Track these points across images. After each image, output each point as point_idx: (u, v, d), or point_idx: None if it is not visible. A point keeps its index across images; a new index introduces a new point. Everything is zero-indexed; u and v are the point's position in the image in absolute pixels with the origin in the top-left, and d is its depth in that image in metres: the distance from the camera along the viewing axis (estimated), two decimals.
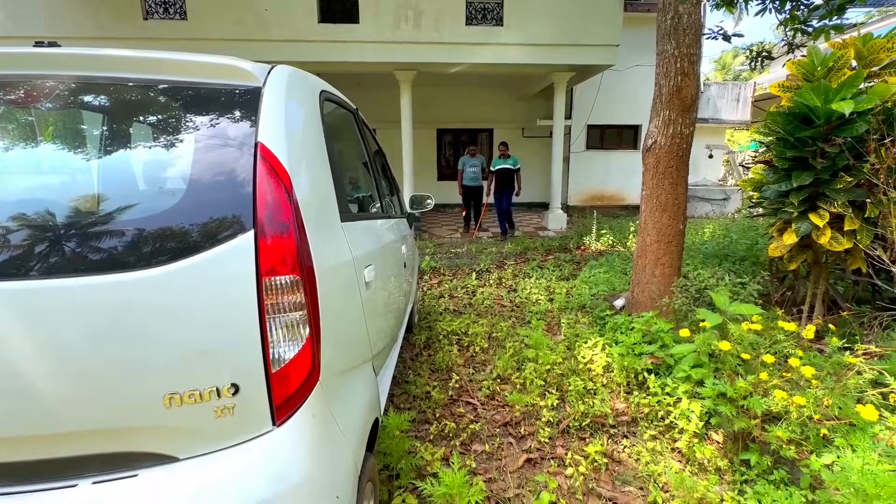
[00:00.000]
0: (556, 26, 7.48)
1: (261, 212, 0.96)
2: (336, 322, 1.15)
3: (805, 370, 1.85)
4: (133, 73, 1.08)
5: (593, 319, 3.66)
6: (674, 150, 3.43)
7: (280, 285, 0.96)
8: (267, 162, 1.00)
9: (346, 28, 7.22)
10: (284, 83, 1.19)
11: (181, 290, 0.90)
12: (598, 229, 7.42)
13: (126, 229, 0.96)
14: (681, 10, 3.30)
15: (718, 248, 5.52)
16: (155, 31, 7.03)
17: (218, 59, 1.12)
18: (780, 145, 2.52)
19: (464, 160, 8.07)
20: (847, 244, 2.43)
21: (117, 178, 1.09)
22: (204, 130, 1.06)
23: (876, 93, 2.22)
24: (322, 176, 1.25)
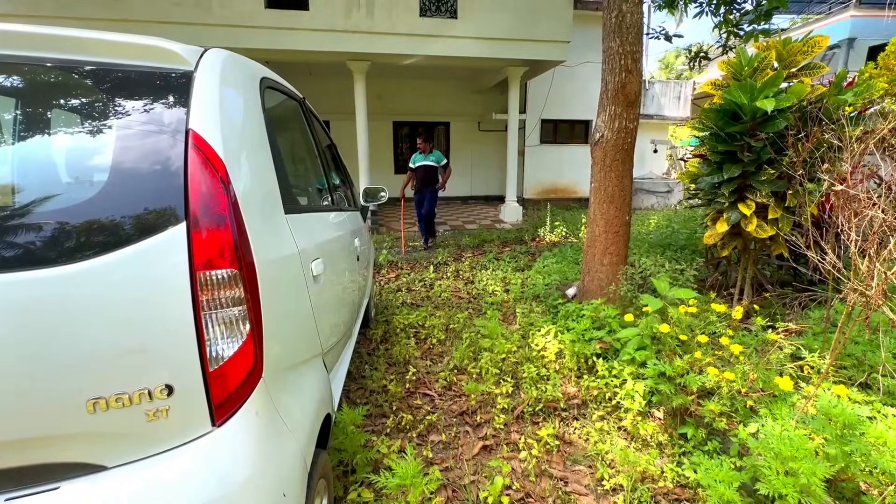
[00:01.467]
0: (508, 21, 7.57)
1: (194, 203, 0.91)
2: (281, 317, 1.12)
3: (734, 348, 2.01)
4: (50, 52, 0.98)
5: (547, 308, 3.78)
6: (619, 144, 3.58)
7: (217, 280, 0.92)
8: (200, 150, 0.95)
9: (295, 14, 6.95)
10: (219, 67, 1.12)
11: (105, 286, 0.83)
12: (552, 221, 7.65)
13: (42, 222, 0.88)
14: (624, 8, 3.43)
15: (662, 237, 5.85)
16: (81, 10, 6.44)
17: (145, 39, 1.04)
18: (713, 140, 2.70)
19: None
20: (771, 231, 2.65)
21: (32, 167, 1.00)
22: (129, 116, 0.99)
23: (794, 92, 2.42)
24: (263, 166, 1.20)
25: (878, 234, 1.67)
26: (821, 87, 2.50)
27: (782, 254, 2.83)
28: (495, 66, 8.61)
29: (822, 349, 2.22)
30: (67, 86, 1.03)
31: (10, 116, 1.05)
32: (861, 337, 2.35)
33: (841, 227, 1.75)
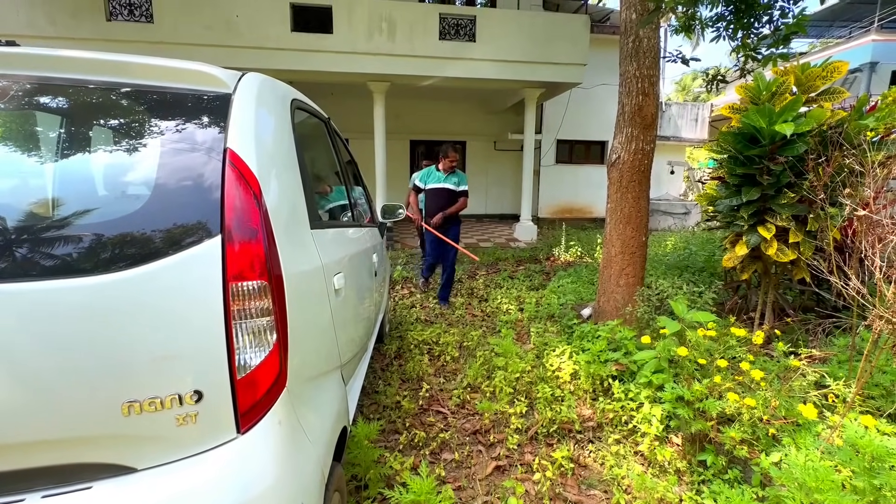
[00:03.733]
0: (526, 44, 7.73)
1: (229, 217, 0.96)
2: (304, 329, 1.15)
3: (755, 373, 1.96)
4: (98, 75, 1.06)
5: (561, 328, 3.75)
6: (636, 166, 3.59)
7: (247, 291, 0.96)
8: (236, 168, 1.00)
9: (320, 37, 7.22)
10: (255, 90, 1.19)
11: (143, 295, 0.88)
12: (566, 241, 7.63)
13: (86, 234, 0.94)
14: (641, 34, 3.49)
15: (679, 259, 5.78)
16: (118, 33, 6.81)
17: (187, 64, 1.11)
18: (731, 163, 2.70)
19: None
20: (792, 255, 2.61)
21: (77, 181, 1.07)
22: (171, 135, 1.05)
23: (813, 116, 2.41)
24: (292, 183, 1.25)
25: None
26: (841, 112, 2.49)
27: (804, 278, 2.78)
28: (512, 87, 8.75)
29: (848, 377, 2.16)
30: (117, 106, 1.10)
31: (61, 133, 1.13)
32: (889, 366, 2.28)
33: (864, 253, 1.72)
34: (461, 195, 4.49)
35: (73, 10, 6.70)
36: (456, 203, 4.44)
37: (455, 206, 4.44)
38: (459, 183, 4.48)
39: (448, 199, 4.44)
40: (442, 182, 4.45)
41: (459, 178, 4.50)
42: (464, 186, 4.50)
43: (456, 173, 4.50)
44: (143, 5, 6.84)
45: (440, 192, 4.45)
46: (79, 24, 6.75)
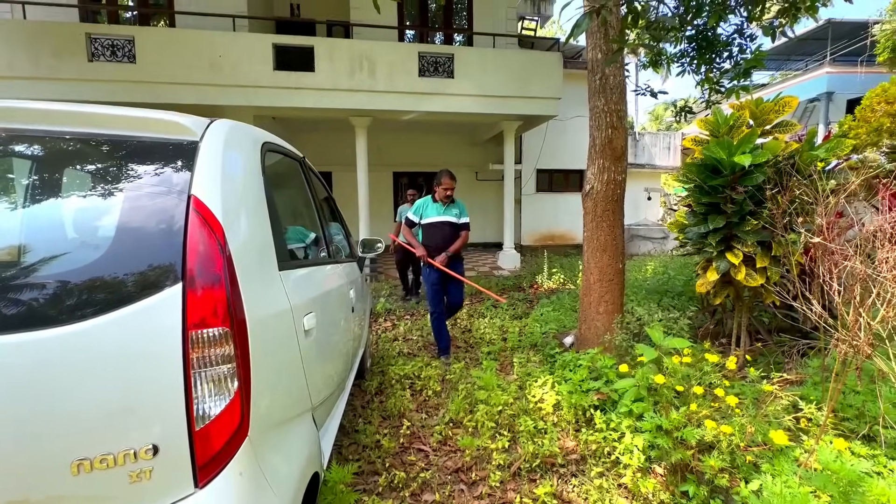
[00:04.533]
0: (502, 80, 8.04)
1: (191, 263, 0.96)
2: (270, 373, 1.13)
3: (730, 399, 1.98)
4: (67, 126, 1.07)
5: (544, 357, 3.74)
6: (609, 195, 3.70)
7: (208, 338, 0.95)
8: (199, 213, 1.01)
9: (302, 75, 7.39)
10: (223, 137, 1.22)
11: (99, 347, 0.87)
12: (549, 268, 7.70)
13: (44, 283, 0.92)
14: (607, 72, 3.67)
15: (659, 283, 5.87)
16: (100, 73, 6.87)
17: (156, 114, 1.14)
18: (697, 192, 2.81)
19: (402, 210, 6.34)
20: (760, 280, 2.69)
21: (39, 231, 1.06)
22: (136, 183, 1.06)
23: (769, 148, 2.55)
24: (260, 225, 1.26)
25: (860, 284, 1.71)
26: (794, 144, 2.64)
27: (775, 302, 2.85)
28: (491, 120, 9.03)
29: (821, 400, 2.19)
30: (82, 154, 1.12)
31: (25, 181, 1.13)
32: (862, 387, 2.32)
33: (822, 278, 1.79)
34: (463, 229, 3.96)
35: (54, 52, 6.76)
36: (458, 238, 3.90)
37: (459, 243, 3.87)
38: (461, 215, 3.95)
39: (449, 234, 3.87)
40: (441, 214, 3.89)
41: (460, 210, 3.97)
42: (465, 218, 3.99)
43: (456, 204, 3.97)
44: (125, 46, 6.95)
45: (440, 226, 3.88)
46: (60, 64, 6.80)
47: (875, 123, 8.69)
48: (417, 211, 4.02)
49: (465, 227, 3.99)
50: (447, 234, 3.88)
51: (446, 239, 3.86)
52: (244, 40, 7.27)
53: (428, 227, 3.95)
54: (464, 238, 3.95)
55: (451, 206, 3.94)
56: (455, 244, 3.86)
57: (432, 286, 3.88)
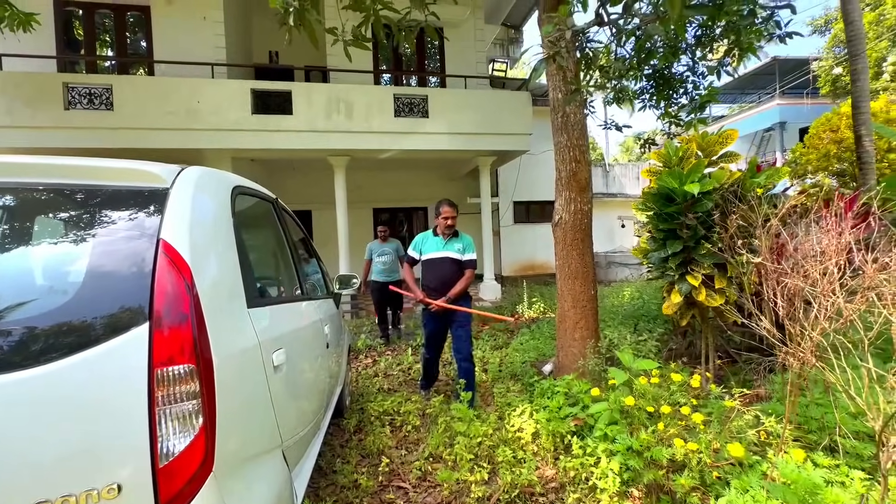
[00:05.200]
0: (475, 118, 8.40)
1: (158, 304, 1.01)
2: (236, 408, 1.16)
3: (695, 417, 2.05)
4: (43, 178, 1.13)
5: (523, 387, 3.76)
6: (577, 225, 3.86)
7: (174, 375, 0.98)
8: (168, 256, 1.07)
9: (280, 118, 7.58)
10: (193, 182, 1.29)
11: (65, 388, 0.90)
12: (529, 297, 7.80)
13: (12, 328, 0.96)
14: (568, 110, 3.92)
15: (635, 308, 6.02)
16: (76, 120, 6.92)
17: (128, 164, 1.21)
18: (655, 219, 2.98)
19: (371, 247, 6.04)
20: (720, 300, 2.83)
21: (9, 276, 1.10)
22: (107, 228, 1.12)
23: (715, 177, 2.75)
24: (229, 266, 1.32)
25: (800, 299, 1.84)
26: (738, 173, 2.85)
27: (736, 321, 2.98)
28: (466, 156, 9.34)
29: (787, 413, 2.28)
30: (54, 204, 1.17)
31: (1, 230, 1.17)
32: (822, 398, 2.42)
33: (767, 296, 1.92)
34: (467, 266, 3.48)
35: (29, 101, 6.80)
36: (463, 276, 3.46)
37: (462, 283, 3.41)
38: (465, 249, 3.50)
39: (451, 273, 3.43)
40: (442, 249, 3.46)
41: (464, 244, 3.53)
42: (470, 254, 3.51)
43: (460, 237, 3.56)
44: (103, 94, 7.05)
45: (439, 263, 3.45)
46: (35, 113, 6.83)
47: (823, 150, 9.33)
48: (416, 246, 3.63)
49: (470, 265, 3.48)
50: (448, 273, 3.42)
51: (447, 278, 3.41)
52: (223, 87, 7.47)
53: (426, 265, 3.54)
54: (468, 277, 3.45)
55: (453, 240, 3.51)
56: (457, 285, 3.37)
57: (428, 336, 3.57)
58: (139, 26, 8.45)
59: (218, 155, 7.83)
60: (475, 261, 3.55)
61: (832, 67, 12.96)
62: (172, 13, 8.13)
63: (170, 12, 8.12)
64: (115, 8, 8.18)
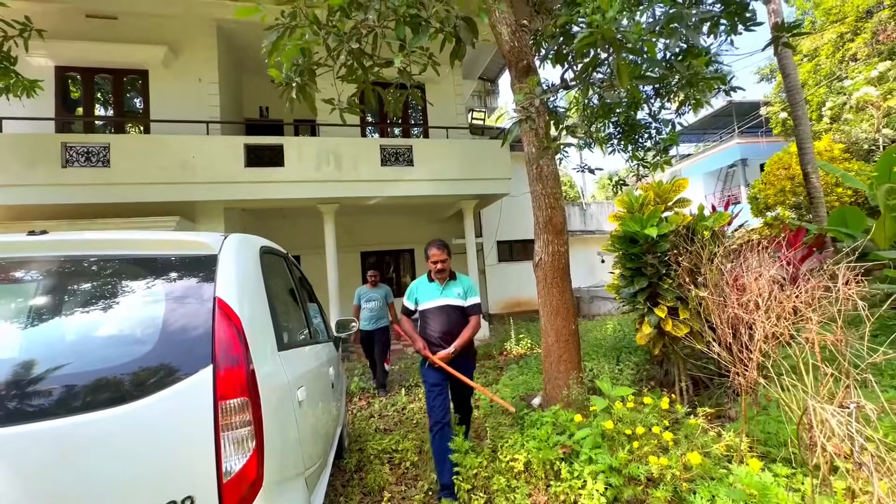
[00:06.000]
0: (457, 165, 8.95)
1: (218, 349, 1.27)
2: (276, 435, 1.39)
3: (666, 435, 2.31)
4: (116, 251, 1.41)
5: (514, 420, 3.95)
6: (556, 265, 4.21)
7: (232, 407, 1.23)
8: (223, 311, 1.34)
9: (272, 171, 7.96)
10: (234, 248, 1.58)
11: (151, 419, 1.14)
12: (516, 334, 8.04)
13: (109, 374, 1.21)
14: (541, 163, 4.37)
15: (617, 340, 6.31)
16: (73, 178, 7.15)
17: (184, 236, 1.50)
18: (622, 259, 3.35)
19: (360, 292, 5.86)
20: (686, 329, 3.15)
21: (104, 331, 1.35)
22: (175, 288, 1.39)
23: (672, 221, 3.16)
24: (263, 316, 1.58)
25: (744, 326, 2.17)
26: (689, 217, 3.27)
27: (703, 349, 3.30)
28: (449, 200, 9.82)
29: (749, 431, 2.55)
30: (131, 271, 1.44)
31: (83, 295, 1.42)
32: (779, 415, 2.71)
33: (715, 325, 2.25)
34: (472, 312, 3.09)
35: (27, 161, 7.03)
36: (468, 323, 3.07)
37: (468, 332, 3.03)
38: (467, 293, 3.11)
39: (455, 321, 3.05)
40: (439, 297, 3.07)
41: (465, 287, 3.14)
42: (474, 298, 3.12)
43: (459, 280, 3.17)
44: (100, 152, 7.35)
45: (440, 311, 3.05)
46: (32, 172, 7.05)
47: (778, 186, 10.14)
48: (411, 295, 3.19)
49: (475, 311, 3.10)
50: (451, 322, 3.03)
51: (451, 328, 3.02)
52: (217, 143, 7.86)
53: (425, 316, 3.10)
54: (474, 325, 3.07)
55: (451, 284, 3.12)
56: (463, 334, 3.00)
57: (432, 388, 3.00)
58: (137, 88, 8.91)
59: (211, 206, 8.11)
60: (480, 305, 3.17)
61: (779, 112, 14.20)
62: (170, 75, 8.63)
63: (167, 75, 8.63)
64: (114, 72, 8.65)
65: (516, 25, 4.54)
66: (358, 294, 5.88)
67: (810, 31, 13.12)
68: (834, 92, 12.21)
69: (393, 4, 3.31)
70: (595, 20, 2.67)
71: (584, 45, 2.89)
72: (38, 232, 1.42)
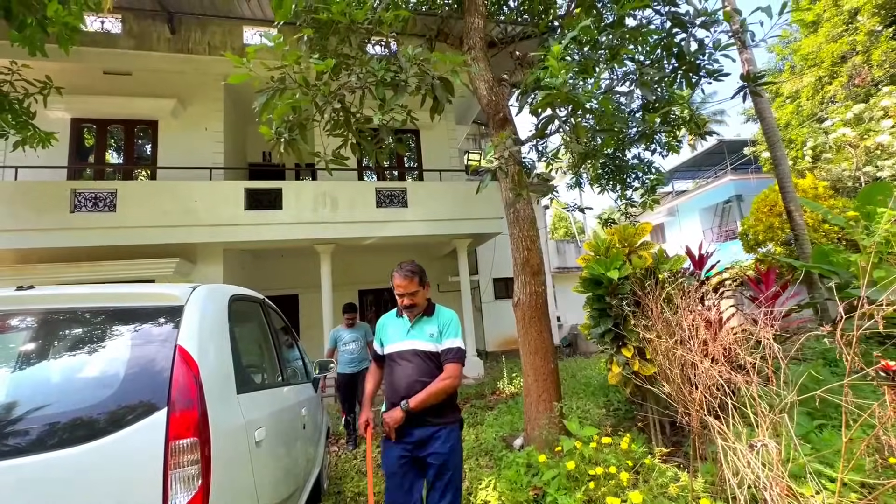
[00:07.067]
0: (450, 206, 9.25)
1: (174, 393, 1.42)
2: (225, 472, 1.51)
3: (622, 475, 2.37)
4: (94, 303, 1.59)
5: (494, 461, 3.97)
6: (534, 305, 4.35)
7: (182, 447, 1.37)
8: (182, 358, 1.50)
9: (270, 213, 8.28)
10: (201, 299, 1.75)
11: (111, 457, 1.28)
12: (509, 373, 8.03)
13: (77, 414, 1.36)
14: (518, 206, 4.60)
15: (605, 379, 6.32)
16: (80, 222, 7.47)
17: (155, 288, 1.69)
18: (590, 301, 3.49)
19: (335, 334, 5.43)
20: (653, 369, 3.24)
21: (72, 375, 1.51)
22: (140, 335, 1.56)
23: (635, 264, 3.32)
24: (224, 360, 1.74)
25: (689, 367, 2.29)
26: (650, 260, 3.43)
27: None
28: (443, 240, 10.06)
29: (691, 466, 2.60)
30: (101, 320, 1.61)
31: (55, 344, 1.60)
32: None
33: (663, 366, 2.36)
34: (450, 358, 2.20)
35: (36, 208, 7.39)
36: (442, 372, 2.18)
37: (434, 386, 2.13)
38: (443, 333, 2.26)
39: (423, 370, 2.19)
40: (405, 338, 2.28)
41: (442, 323, 2.29)
42: (452, 340, 2.23)
43: (436, 315, 2.33)
44: (107, 198, 7.71)
45: (408, 357, 2.23)
46: (41, 217, 7.39)
47: (767, 222, 10.33)
48: (378, 335, 2.47)
49: (452, 357, 2.18)
50: (421, 372, 2.17)
51: (414, 381, 2.16)
52: (219, 187, 8.24)
53: (390, 363, 2.30)
54: (448, 378, 2.14)
55: (422, 322, 2.29)
56: (426, 390, 2.10)
57: (388, 480, 2.22)
58: (147, 137, 9.44)
59: (211, 247, 8.38)
60: (461, 350, 2.22)
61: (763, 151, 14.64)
62: (178, 125, 9.17)
63: (175, 124, 9.16)
64: (126, 123, 9.20)
65: (493, 81, 4.91)
66: (333, 337, 5.41)
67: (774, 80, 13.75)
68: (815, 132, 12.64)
69: (372, 68, 3.65)
70: (550, 83, 2.95)
71: (541, 105, 3.17)
72: (25, 287, 1.61)
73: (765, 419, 1.64)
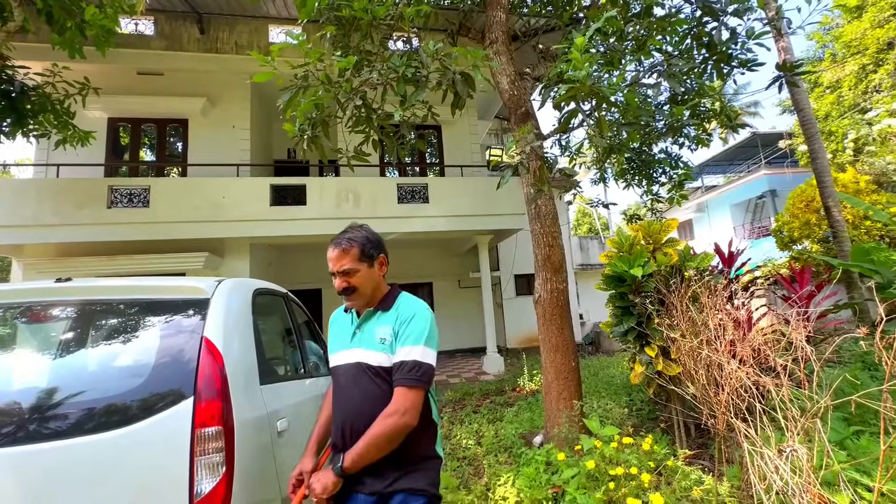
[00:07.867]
0: (472, 202, 9.21)
1: (200, 383, 1.47)
2: (249, 461, 1.55)
3: (644, 476, 2.33)
4: (126, 295, 1.66)
5: (513, 458, 3.96)
6: (554, 302, 4.30)
7: (208, 435, 1.41)
8: (208, 349, 1.55)
9: (295, 209, 8.45)
10: (226, 293, 1.80)
11: (141, 442, 1.34)
12: (530, 370, 7.97)
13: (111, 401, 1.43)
14: (539, 202, 4.54)
15: (627, 378, 6.20)
16: (116, 217, 7.81)
17: (183, 281, 1.74)
18: (612, 298, 3.42)
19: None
20: (678, 369, 3.16)
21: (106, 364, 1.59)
22: (169, 327, 1.62)
23: (659, 261, 3.23)
24: (248, 352, 1.78)
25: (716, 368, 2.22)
26: (675, 257, 3.33)
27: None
28: (464, 236, 10.04)
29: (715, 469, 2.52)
30: (133, 312, 1.68)
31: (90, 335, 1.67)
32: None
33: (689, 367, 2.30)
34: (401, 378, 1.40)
35: (76, 203, 7.76)
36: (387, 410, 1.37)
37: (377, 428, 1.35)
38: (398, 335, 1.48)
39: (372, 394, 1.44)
40: (349, 345, 1.57)
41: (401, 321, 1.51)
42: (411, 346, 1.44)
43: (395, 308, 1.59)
44: (141, 194, 8.03)
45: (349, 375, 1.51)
46: (80, 212, 7.75)
47: (803, 219, 9.87)
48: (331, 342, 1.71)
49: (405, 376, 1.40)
50: (361, 400, 1.46)
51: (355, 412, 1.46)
52: (246, 184, 8.46)
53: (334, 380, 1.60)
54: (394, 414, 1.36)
55: (372, 320, 1.58)
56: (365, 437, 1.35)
57: None
58: (178, 135, 9.76)
59: (238, 242, 8.62)
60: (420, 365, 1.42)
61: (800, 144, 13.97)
62: (207, 123, 9.44)
63: (205, 122, 9.43)
64: (158, 121, 9.53)
65: (515, 75, 4.85)
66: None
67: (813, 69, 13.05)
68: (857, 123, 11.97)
69: (394, 65, 3.66)
70: (573, 76, 2.89)
71: (564, 99, 3.12)
72: (63, 279, 1.69)
73: (796, 423, 1.57)
